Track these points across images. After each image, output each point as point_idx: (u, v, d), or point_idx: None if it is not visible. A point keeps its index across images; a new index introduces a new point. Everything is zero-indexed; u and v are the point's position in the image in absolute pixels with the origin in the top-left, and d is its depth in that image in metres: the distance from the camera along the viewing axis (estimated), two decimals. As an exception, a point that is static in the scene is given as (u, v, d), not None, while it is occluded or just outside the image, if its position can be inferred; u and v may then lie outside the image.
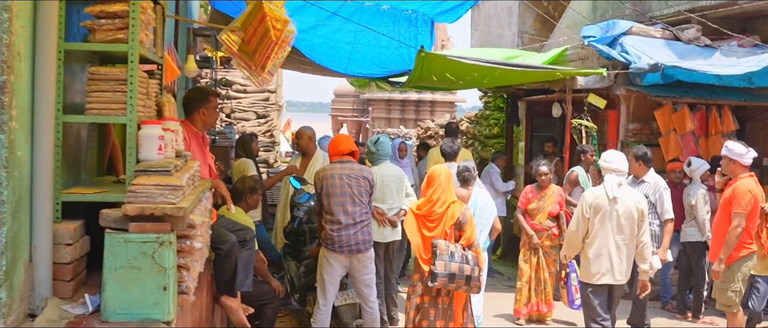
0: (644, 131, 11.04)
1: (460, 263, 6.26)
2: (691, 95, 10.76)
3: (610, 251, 7.07)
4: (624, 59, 10.46)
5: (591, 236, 7.11)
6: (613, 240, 7.07)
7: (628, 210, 7.05)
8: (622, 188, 7.09)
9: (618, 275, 7.11)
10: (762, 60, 9.66)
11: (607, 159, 7.27)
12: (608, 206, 7.06)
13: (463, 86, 12.26)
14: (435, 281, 6.23)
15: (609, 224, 7.04)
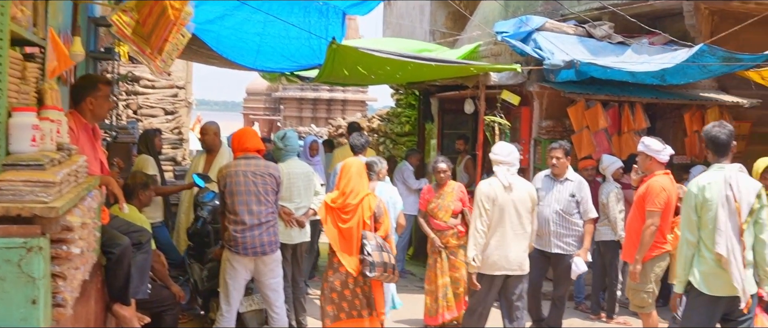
0: (557, 128, 10.93)
1: (388, 253, 6.67)
2: (604, 92, 10.69)
3: (508, 241, 6.95)
4: (537, 55, 10.32)
5: (491, 228, 6.94)
6: (512, 230, 6.96)
7: (522, 199, 6.98)
8: (514, 178, 7.03)
9: (515, 265, 7.00)
10: (676, 57, 9.67)
11: (496, 152, 7.14)
12: (504, 195, 6.93)
13: (375, 81, 11.94)
14: (373, 271, 6.52)
15: (506, 214, 6.93)
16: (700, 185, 5.56)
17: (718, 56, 9.65)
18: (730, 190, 5.47)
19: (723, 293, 5.52)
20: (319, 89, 33.55)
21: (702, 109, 11.18)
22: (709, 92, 11.43)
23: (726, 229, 5.45)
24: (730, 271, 5.42)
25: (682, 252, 5.67)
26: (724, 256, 5.41)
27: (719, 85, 11.68)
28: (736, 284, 5.42)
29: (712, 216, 5.48)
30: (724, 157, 5.64)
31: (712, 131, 5.67)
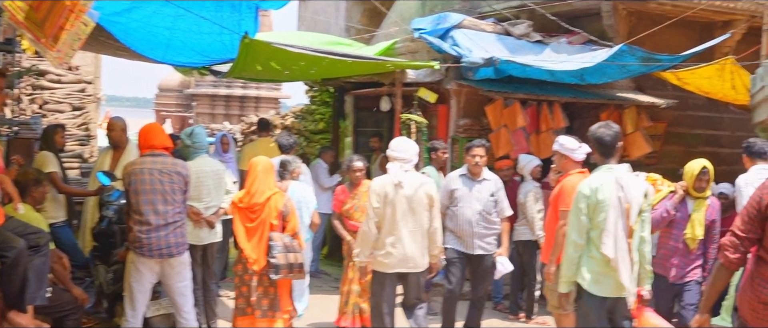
0: (475, 127, 10.82)
1: (294, 253, 6.63)
2: (523, 91, 10.61)
3: (402, 238, 6.75)
4: (455, 53, 10.22)
5: (384, 226, 6.77)
6: (405, 227, 6.76)
7: (416, 195, 6.78)
8: (408, 174, 6.83)
9: (411, 262, 6.81)
10: (596, 56, 9.69)
11: (393, 147, 6.98)
12: (395, 192, 6.74)
13: (290, 77, 11.64)
14: (278, 273, 6.52)
15: (398, 210, 6.73)
16: (592, 187, 5.53)
17: (637, 56, 9.72)
18: (621, 191, 5.50)
19: (610, 294, 5.54)
20: (232, 86, 33.07)
21: (619, 108, 11.23)
22: (626, 92, 11.52)
23: (615, 230, 5.47)
24: (619, 271, 5.45)
25: (568, 254, 5.64)
26: (612, 257, 5.43)
27: (636, 85, 11.80)
28: (624, 283, 5.46)
29: (603, 218, 5.48)
30: (610, 158, 5.65)
31: (598, 132, 5.67)
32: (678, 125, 12.28)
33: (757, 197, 4.20)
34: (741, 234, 4.23)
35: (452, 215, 7.87)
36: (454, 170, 8.42)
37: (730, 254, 4.26)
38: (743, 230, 4.22)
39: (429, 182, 7.04)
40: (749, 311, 4.23)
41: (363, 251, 6.91)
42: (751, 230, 4.19)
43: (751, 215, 4.19)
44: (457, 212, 7.83)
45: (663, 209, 7.20)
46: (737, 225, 4.26)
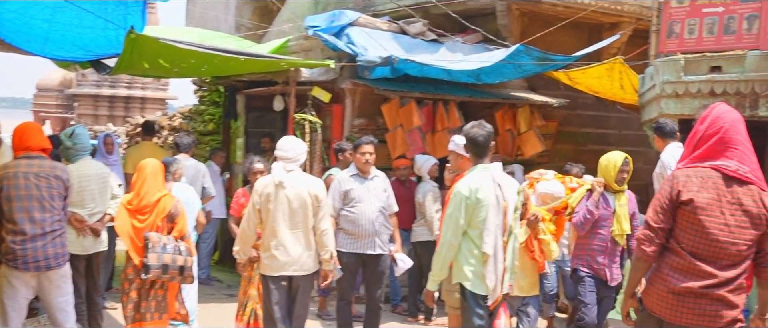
0: (370, 127, 10.61)
1: (173, 254, 6.38)
2: (419, 90, 10.46)
3: (285, 240, 6.49)
4: (351, 51, 9.99)
5: (266, 227, 6.55)
6: (287, 228, 6.50)
7: (299, 196, 6.49)
8: (292, 174, 6.57)
9: (296, 265, 6.54)
10: (493, 56, 9.65)
11: (279, 146, 6.72)
12: (275, 192, 6.49)
13: (179, 75, 11.18)
14: (148, 273, 6.27)
15: (280, 211, 6.47)
16: (472, 187, 5.50)
17: (533, 56, 9.76)
18: (499, 190, 5.56)
19: (486, 292, 5.58)
20: (117, 86, 32.04)
21: (513, 107, 11.27)
22: (519, 92, 11.56)
23: (494, 229, 5.52)
24: (487, 269, 5.50)
25: (442, 253, 5.59)
26: (491, 255, 5.49)
27: (529, 85, 11.88)
28: (489, 283, 5.51)
29: (484, 217, 5.49)
30: (484, 158, 5.66)
31: (472, 132, 5.69)
32: (568, 124, 12.42)
33: (668, 187, 4.20)
34: (655, 226, 4.22)
35: (350, 217, 7.61)
36: (341, 173, 8.13)
37: (646, 247, 4.25)
38: (657, 221, 4.21)
39: (316, 183, 6.73)
40: (657, 302, 4.23)
41: (242, 250, 6.73)
42: (664, 221, 4.19)
43: (663, 207, 4.19)
44: (356, 212, 7.58)
45: (585, 210, 6.95)
46: (651, 217, 4.24)
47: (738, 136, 4.18)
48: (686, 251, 4.12)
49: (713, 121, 4.21)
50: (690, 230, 4.12)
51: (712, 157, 4.17)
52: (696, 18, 8.29)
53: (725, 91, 7.98)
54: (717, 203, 4.09)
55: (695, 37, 8.29)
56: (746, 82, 7.81)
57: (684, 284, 4.10)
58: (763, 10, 7.71)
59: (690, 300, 4.11)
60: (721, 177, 4.12)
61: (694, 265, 4.10)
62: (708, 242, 4.09)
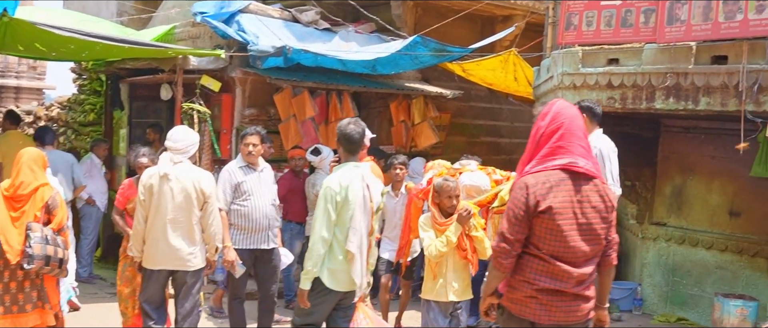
0: (262, 117, 10.29)
1: (54, 246, 6.07)
2: (312, 80, 10.19)
3: (167, 233, 6.27)
4: (241, 39, 9.63)
5: (150, 220, 6.33)
6: (171, 222, 6.27)
7: (184, 189, 6.28)
8: (179, 166, 6.34)
9: (178, 260, 6.33)
10: (390, 47, 9.49)
11: (168, 137, 6.48)
12: (160, 184, 6.27)
13: (57, 58, 10.56)
14: (32, 263, 5.93)
15: (163, 204, 6.27)
16: (342, 184, 5.47)
17: (430, 47, 9.64)
18: (367, 190, 5.57)
19: (344, 289, 5.60)
20: (-11, 74, 30.44)
21: (408, 99, 11.14)
22: (413, 83, 11.45)
23: (360, 227, 5.50)
24: (354, 267, 5.51)
25: (315, 249, 5.50)
26: (355, 254, 5.48)
27: (423, 76, 11.79)
28: (356, 279, 5.54)
29: (350, 215, 5.46)
30: (355, 155, 5.66)
31: (347, 129, 5.64)
32: (461, 116, 12.41)
33: (523, 197, 4.05)
34: (511, 238, 4.08)
35: (242, 211, 7.22)
36: (229, 164, 7.70)
37: (502, 260, 4.13)
38: (513, 233, 4.08)
39: (203, 176, 6.46)
40: (525, 305, 4.15)
41: (135, 247, 6.46)
42: (520, 232, 4.08)
43: (518, 217, 4.06)
44: (249, 205, 7.21)
45: None
46: (507, 229, 4.09)
47: (579, 132, 4.14)
48: (548, 255, 4.06)
49: (554, 117, 4.13)
50: (549, 236, 4.05)
51: (558, 155, 4.08)
52: (594, 10, 8.32)
53: (622, 83, 8.03)
54: (570, 205, 4.04)
55: (593, 29, 8.32)
56: (643, 74, 7.88)
57: (550, 286, 4.07)
58: (659, 4, 7.77)
59: (557, 300, 4.09)
60: (570, 177, 4.06)
61: (556, 267, 4.05)
62: (566, 244, 4.04)
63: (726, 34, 7.25)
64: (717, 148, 8.81)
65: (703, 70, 7.46)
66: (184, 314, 6.46)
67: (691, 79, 7.55)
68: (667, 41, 7.70)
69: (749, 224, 8.51)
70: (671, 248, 8.95)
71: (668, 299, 9.02)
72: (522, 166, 4.23)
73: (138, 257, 6.48)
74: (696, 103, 7.60)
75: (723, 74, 7.30)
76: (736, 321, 7.27)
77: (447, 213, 6.16)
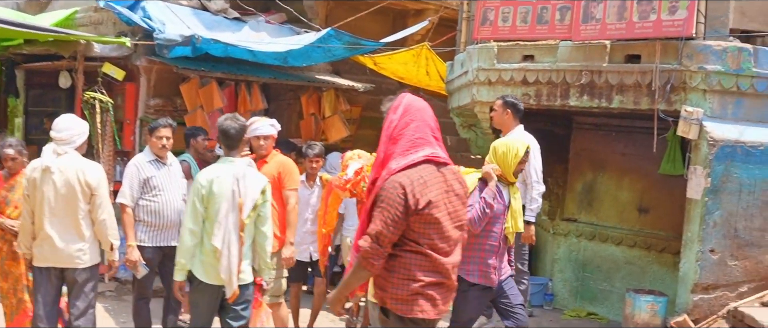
0: (167, 107, 9.96)
1: None
2: (220, 70, 9.88)
3: (51, 230, 5.98)
4: (147, 26, 9.28)
5: (35, 215, 6.03)
6: (55, 217, 5.98)
7: (68, 182, 5.97)
8: (63, 157, 6.01)
9: (65, 258, 6.03)
10: (303, 39, 9.32)
11: (54, 126, 6.13)
12: (42, 177, 5.96)
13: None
14: None
15: (47, 198, 5.96)
16: (208, 179, 5.53)
17: (343, 41, 9.47)
18: (236, 185, 5.53)
19: (218, 282, 5.57)
20: None
21: (319, 91, 10.94)
22: (324, 75, 11.27)
23: (225, 223, 5.50)
24: (221, 263, 5.50)
25: (185, 242, 5.57)
26: (219, 248, 5.47)
27: (334, 69, 11.62)
28: (223, 275, 5.51)
29: (216, 209, 5.49)
30: (234, 151, 5.68)
31: (224, 124, 5.67)
32: (372, 110, 12.25)
33: (402, 198, 3.93)
34: (386, 239, 3.97)
35: (151, 207, 6.88)
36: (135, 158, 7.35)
37: (375, 261, 3.99)
38: (389, 234, 3.95)
39: (90, 168, 6.10)
40: (407, 306, 4.06)
41: (22, 243, 6.17)
42: (395, 233, 3.97)
43: (396, 219, 3.94)
44: (159, 201, 6.88)
45: (483, 203, 5.73)
46: (381, 230, 3.94)
47: (432, 122, 4.13)
48: (428, 249, 4.02)
49: (406, 110, 4.09)
50: (428, 230, 4.01)
51: (419, 148, 4.02)
52: (510, 6, 8.32)
53: (537, 79, 8.06)
54: (442, 196, 4.03)
55: (509, 25, 8.32)
56: (558, 71, 7.93)
57: (434, 280, 4.04)
58: (574, 3, 7.82)
59: (441, 292, 4.09)
60: (436, 168, 4.04)
61: (437, 260, 4.03)
62: (442, 235, 4.04)
63: (640, 33, 7.36)
64: (627, 146, 8.94)
65: (617, 68, 7.56)
66: (77, 314, 6.11)
67: (605, 78, 7.64)
68: (582, 39, 7.77)
69: (657, 220, 8.67)
70: (582, 243, 9.04)
71: (578, 294, 9.12)
72: (381, 161, 4.11)
73: (28, 254, 6.14)
74: (610, 101, 7.69)
75: (636, 73, 7.41)
76: (647, 317, 7.37)
77: None
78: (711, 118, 7.11)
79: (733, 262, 7.20)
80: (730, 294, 7.21)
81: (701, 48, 7.08)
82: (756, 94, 7.17)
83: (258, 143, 6.83)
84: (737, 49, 7.07)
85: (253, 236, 5.69)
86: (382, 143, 4.12)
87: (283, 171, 6.78)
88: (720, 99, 7.15)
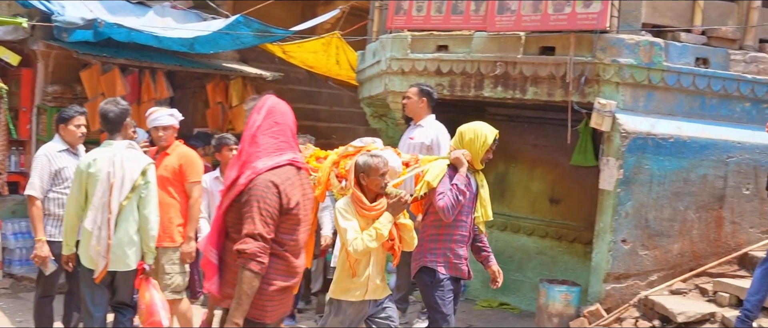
0: (67, 95, 9.55)
1: None
2: (123, 56, 9.49)
3: None
4: (45, 8, 8.85)
5: None
6: None
7: None
8: None
9: None
10: (211, 25, 9.07)
11: None
12: None
13: None
14: None
15: None
16: (87, 162, 5.62)
17: (253, 28, 9.24)
18: (112, 167, 5.56)
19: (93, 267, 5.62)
20: None
21: (226, 79, 10.67)
22: (231, 63, 11.00)
23: (100, 205, 5.55)
24: (91, 245, 5.55)
25: (68, 222, 5.73)
26: (90, 230, 5.54)
27: (241, 57, 11.39)
28: (92, 255, 5.55)
29: (93, 192, 5.57)
30: (116, 134, 5.72)
31: (104, 108, 5.72)
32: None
33: (276, 196, 3.94)
34: (269, 237, 3.94)
35: (62, 199, 6.44)
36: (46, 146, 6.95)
37: (263, 260, 3.93)
38: (269, 232, 3.94)
39: None
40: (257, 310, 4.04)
41: None
42: (272, 231, 3.97)
43: (273, 217, 3.95)
44: (68, 194, 6.56)
45: (455, 190, 5.43)
46: (262, 228, 3.90)
47: (293, 127, 4.20)
48: (289, 253, 4.08)
49: (269, 112, 4.14)
50: (291, 232, 4.07)
51: (283, 151, 4.07)
52: (425, -4, 8.26)
53: (452, 70, 8.04)
54: (301, 199, 4.10)
55: (423, 15, 8.26)
56: (472, 62, 7.93)
57: (285, 283, 4.10)
58: (490, -7, 7.82)
59: (286, 296, 4.16)
60: (296, 171, 4.12)
61: (291, 263, 4.10)
62: (300, 238, 4.13)
63: (554, 25, 7.41)
64: (539, 137, 9.01)
65: (531, 60, 7.60)
66: None
67: (519, 69, 7.67)
68: (498, 30, 7.78)
69: (568, 211, 8.77)
70: (493, 234, 9.06)
71: (487, 286, 9.14)
72: (243, 161, 4.06)
73: None
74: (524, 93, 7.73)
75: (551, 65, 7.46)
76: (561, 307, 7.43)
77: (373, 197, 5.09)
78: (623, 111, 7.21)
79: (644, 252, 7.35)
80: (641, 283, 7.36)
81: (615, 41, 7.18)
82: (666, 87, 7.32)
83: (157, 135, 6.65)
84: (649, 43, 7.20)
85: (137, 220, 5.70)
86: (244, 142, 4.10)
87: (185, 163, 6.55)
88: (632, 92, 7.26)
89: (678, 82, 7.32)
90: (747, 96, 7.57)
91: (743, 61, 7.55)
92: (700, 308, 6.86)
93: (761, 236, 7.64)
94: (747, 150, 7.54)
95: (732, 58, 7.53)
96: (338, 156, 5.74)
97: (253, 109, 4.18)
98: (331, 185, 5.64)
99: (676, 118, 7.40)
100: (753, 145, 7.56)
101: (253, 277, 3.89)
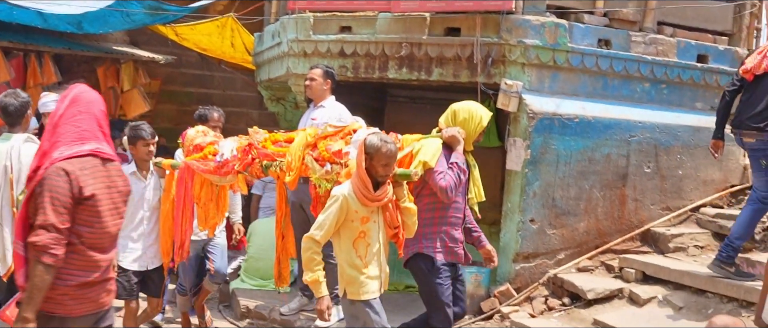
0: (-56, 81, 8.93)
1: None
2: (6, 39, 9.04)
3: None
4: None
5: None
6: None
7: None
8: None
9: None
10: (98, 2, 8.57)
11: None
12: None
13: None
14: None
15: None
16: None
17: (144, 5, 8.83)
18: (9, 160, 5.49)
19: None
20: None
21: (117, 63, 10.23)
22: (121, 46, 10.55)
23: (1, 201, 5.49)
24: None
25: None
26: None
27: (131, 39, 10.92)
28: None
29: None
30: (16, 127, 5.64)
31: (3, 101, 5.64)
32: (172, 83, 11.71)
33: (67, 184, 3.80)
34: (61, 227, 3.78)
35: None
36: None
37: (58, 251, 3.77)
38: (62, 221, 3.78)
39: None
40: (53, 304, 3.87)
41: None
42: (67, 220, 3.83)
43: (66, 206, 3.79)
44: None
45: (456, 169, 5.20)
46: (54, 218, 3.75)
47: (101, 116, 4.04)
48: (86, 246, 3.92)
49: (74, 101, 3.94)
50: (89, 225, 3.91)
51: (85, 141, 3.92)
52: (328, -24, 8.08)
53: (355, 51, 7.91)
54: (105, 191, 3.97)
55: (327, -5, 8.08)
56: (377, 43, 7.82)
57: (84, 279, 3.93)
58: (396, -26, 7.72)
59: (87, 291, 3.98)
60: (100, 162, 3.98)
61: (91, 258, 3.94)
62: (104, 233, 3.98)
63: (460, 6, 7.39)
64: (443, 119, 8.98)
65: (437, 41, 7.55)
66: None
67: (424, 50, 7.61)
68: (402, 11, 7.69)
69: (473, 192, 8.78)
70: (398, 217, 9.02)
71: (396, 268, 9.06)
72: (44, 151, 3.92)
73: None
74: (429, 74, 7.68)
75: (456, 46, 7.44)
76: (471, 288, 7.41)
77: (378, 184, 4.65)
78: (529, 92, 7.26)
79: (552, 230, 7.43)
80: (549, 262, 7.45)
81: (520, 22, 7.21)
82: (571, 68, 7.40)
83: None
84: (554, 24, 7.26)
85: None
86: (46, 132, 3.93)
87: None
88: (538, 72, 7.32)
89: (582, 63, 7.41)
90: (647, 76, 7.74)
91: (643, 43, 7.71)
92: (607, 284, 7.00)
93: (662, 213, 7.84)
94: (648, 129, 7.71)
95: (632, 40, 7.67)
96: (312, 138, 5.49)
97: (58, 100, 4.04)
98: (310, 170, 5.36)
99: (580, 99, 7.49)
100: (653, 125, 7.73)
101: (45, 270, 3.74)
